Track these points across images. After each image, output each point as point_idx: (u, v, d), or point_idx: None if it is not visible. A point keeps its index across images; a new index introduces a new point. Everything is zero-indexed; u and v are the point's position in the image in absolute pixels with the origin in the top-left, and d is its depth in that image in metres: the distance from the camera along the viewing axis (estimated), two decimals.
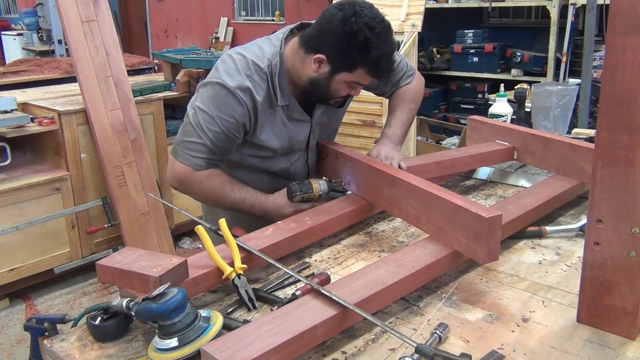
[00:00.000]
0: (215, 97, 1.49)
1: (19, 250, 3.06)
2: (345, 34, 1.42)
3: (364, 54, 1.43)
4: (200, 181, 1.55)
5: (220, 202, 1.61)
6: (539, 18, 5.06)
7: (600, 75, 3.75)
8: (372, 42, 1.41)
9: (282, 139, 1.62)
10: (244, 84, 1.48)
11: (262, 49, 1.55)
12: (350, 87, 1.54)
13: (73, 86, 3.76)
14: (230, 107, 1.49)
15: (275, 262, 1.24)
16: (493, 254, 1.20)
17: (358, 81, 1.52)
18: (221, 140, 1.52)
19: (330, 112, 1.71)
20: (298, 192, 1.55)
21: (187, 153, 1.53)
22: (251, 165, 1.67)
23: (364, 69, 1.47)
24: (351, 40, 1.42)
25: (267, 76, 1.51)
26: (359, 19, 1.40)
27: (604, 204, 1.01)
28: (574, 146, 1.66)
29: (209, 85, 1.51)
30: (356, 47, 1.42)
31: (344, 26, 1.42)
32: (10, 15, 10.38)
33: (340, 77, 1.50)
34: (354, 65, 1.46)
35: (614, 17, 0.94)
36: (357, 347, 1.04)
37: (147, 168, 3.36)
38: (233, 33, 7.70)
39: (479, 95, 5.19)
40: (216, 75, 1.51)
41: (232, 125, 1.51)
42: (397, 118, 1.78)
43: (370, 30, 1.41)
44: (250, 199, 1.59)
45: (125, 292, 1.12)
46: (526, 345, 1.03)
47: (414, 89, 1.84)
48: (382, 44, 1.43)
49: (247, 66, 1.50)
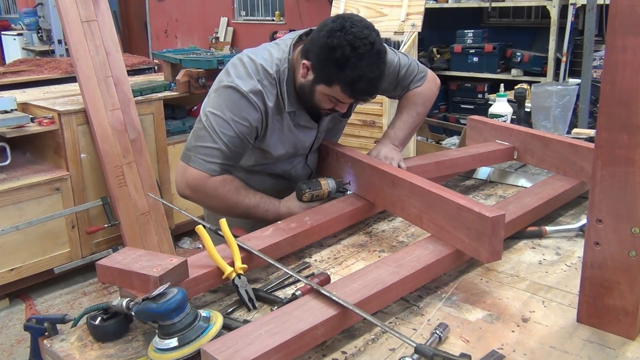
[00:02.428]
0: (229, 101, 1.48)
1: (19, 250, 3.06)
2: (327, 46, 1.39)
3: (339, 70, 1.39)
4: (215, 187, 1.51)
5: (234, 208, 1.56)
6: (539, 18, 5.06)
7: (600, 75, 3.75)
8: (350, 60, 1.37)
9: (287, 146, 1.60)
10: (256, 87, 1.47)
11: (271, 54, 1.53)
12: (332, 101, 1.50)
13: (73, 86, 3.76)
14: (245, 110, 1.47)
15: (275, 262, 1.24)
16: (496, 254, 1.20)
17: (336, 97, 1.47)
18: (235, 144, 1.50)
19: (336, 120, 1.70)
20: (307, 190, 1.54)
21: (201, 158, 1.49)
22: (252, 168, 1.67)
23: (339, 86, 1.43)
24: (330, 54, 1.39)
25: (276, 82, 1.50)
26: (344, 35, 1.37)
27: (604, 204, 1.01)
28: (574, 146, 1.66)
29: (221, 89, 1.50)
30: (334, 62, 1.39)
31: (328, 38, 1.39)
32: (10, 15, 10.39)
33: (320, 89, 1.47)
34: (331, 79, 1.43)
35: (614, 17, 0.94)
36: (357, 347, 1.04)
37: (147, 168, 3.36)
38: (233, 33, 7.70)
39: (479, 95, 5.19)
40: (228, 79, 1.49)
41: (246, 130, 1.49)
42: (402, 120, 1.77)
43: (353, 50, 1.37)
44: (265, 203, 1.57)
45: (125, 292, 1.12)
46: (526, 345, 1.03)
47: (425, 93, 1.80)
48: (362, 66, 1.38)
49: (257, 71, 1.49)
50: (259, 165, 1.67)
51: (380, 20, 3.98)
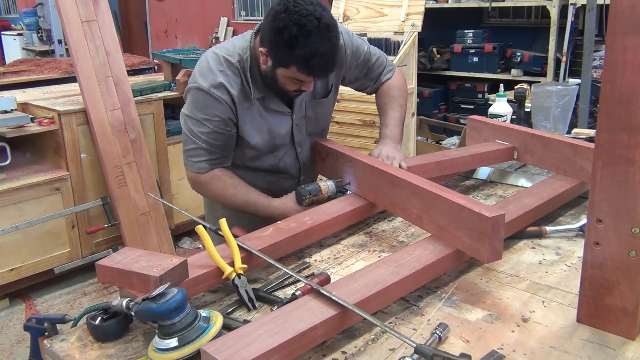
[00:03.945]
0: (196, 102, 1.55)
1: (19, 250, 3.06)
2: (275, 29, 1.40)
3: (291, 51, 1.40)
4: (205, 184, 1.64)
5: (226, 204, 1.68)
6: (539, 18, 5.06)
7: (600, 75, 3.75)
8: (298, 39, 1.37)
9: (262, 132, 1.63)
10: (216, 81, 1.52)
11: (234, 44, 1.58)
12: (295, 82, 1.50)
13: (73, 86, 3.76)
14: (211, 107, 1.53)
15: (275, 262, 1.24)
16: (496, 253, 1.20)
17: (296, 77, 1.47)
18: (215, 138, 1.57)
19: (315, 104, 1.70)
20: (307, 196, 1.57)
21: (190, 160, 1.62)
22: (242, 164, 1.71)
23: (294, 66, 1.43)
24: (279, 37, 1.40)
25: (239, 71, 1.54)
26: (288, 16, 1.37)
27: (604, 204, 1.01)
28: (574, 146, 1.66)
29: (189, 92, 1.57)
30: (284, 44, 1.40)
31: (274, 22, 1.40)
32: (10, 15, 10.38)
33: (280, 72, 1.48)
34: (285, 61, 1.44)
35: (614, 17, 0.94)
36: (357, 347, 1.04)
37: (147, 168, 3.36)
38: (233, 33, 7.70)
39: (479, 95, 5.19)
40: (192, 79, 1.56)
41: (219, 123, 1.55)
42: (391, 117, 1.78)
43: (299, 28, 1.36)
44: (254, 202, 1.63)
45: (125, 292, 1.12)
46: (526, 345, 1.03)
47: (397, 85, 1.83)
48: (312, 42, 1.37)
49: (219, 62, 1.54)
50: (249, 162, 1.70)
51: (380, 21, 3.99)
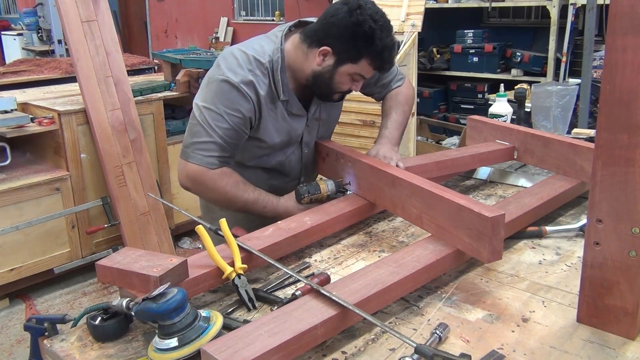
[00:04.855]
0: (221, 94, 1.51)
1: (19, 250, 3.06)
2: (351, 24, 1.47)
3: (368, 44, 1.48)
4: (214, 180, 1.55)
5: (233, 202, 1.60)
6: (539, 18, 5.06)
7: (600, 75, 3.75)
8: (376, 32, 1.46)
9: (282, 134, 1.64)
10: (247, 78, 1.50)
11: (262, 46, 1.57)
12: (353, 79, 1.57)
13: (73, 86, 3.76)
14: (237, 102, 1.51)
15: (275, 262, 1.24)
16: (497, 253, 1.20)
17: (361, 73, 1.55)
18: (231, 136, 1.54)
19: (329, 107, 1.73)
20: (306, 194, 1.57)
21: (199, 154, 1.53)
22: (247, 162, 1.69)
23: (367, 59, 1.51)
24: (357, 30, 1.47)
25: (269, 71, 1.54)
26: (364, 11, 1.46)
27: (604, 204, 1.01)
28: (574, 146, 1.66)
29: (212, 83, 1.53)
30: (362, 37, 1.47)
31: (350, 17, 1.47)
32: (10, 15, 10.38)
33: (345, 69, 1.53)
34: (359, 55, 1.50)
35: (614, 17, 0.94)
36: (357, 347, 1.04)
37: (147, 168, 3.36)
38: (233, 33, 7.70)
39: (479, 95, 5.19)
40: (218, 72, 1.52)
41: (239, 121, 1.53)
42: (393, 120, 1.80)
43: (375, 22, 1.46)
44: (264, 200, 1.61)
45: (125, 292, 1.12)
46: (526, 345, 1.03)
47: (405, 92, 1.88)
48: (385, 36, 1.48)
49: (248, 61, 1.53)
50: (254, 160, 1.69)
51: None
